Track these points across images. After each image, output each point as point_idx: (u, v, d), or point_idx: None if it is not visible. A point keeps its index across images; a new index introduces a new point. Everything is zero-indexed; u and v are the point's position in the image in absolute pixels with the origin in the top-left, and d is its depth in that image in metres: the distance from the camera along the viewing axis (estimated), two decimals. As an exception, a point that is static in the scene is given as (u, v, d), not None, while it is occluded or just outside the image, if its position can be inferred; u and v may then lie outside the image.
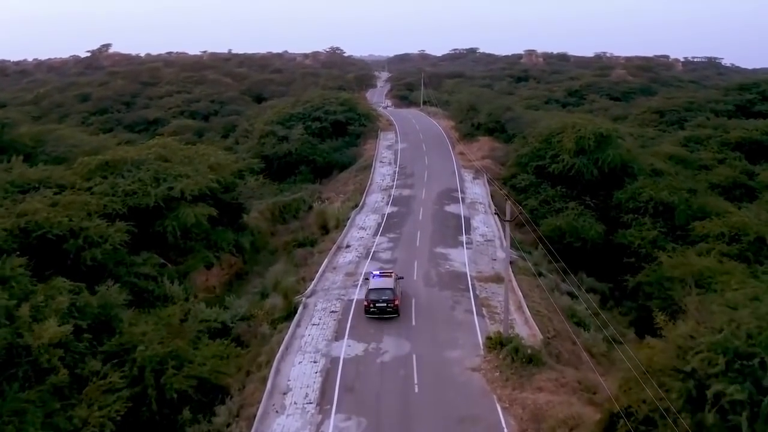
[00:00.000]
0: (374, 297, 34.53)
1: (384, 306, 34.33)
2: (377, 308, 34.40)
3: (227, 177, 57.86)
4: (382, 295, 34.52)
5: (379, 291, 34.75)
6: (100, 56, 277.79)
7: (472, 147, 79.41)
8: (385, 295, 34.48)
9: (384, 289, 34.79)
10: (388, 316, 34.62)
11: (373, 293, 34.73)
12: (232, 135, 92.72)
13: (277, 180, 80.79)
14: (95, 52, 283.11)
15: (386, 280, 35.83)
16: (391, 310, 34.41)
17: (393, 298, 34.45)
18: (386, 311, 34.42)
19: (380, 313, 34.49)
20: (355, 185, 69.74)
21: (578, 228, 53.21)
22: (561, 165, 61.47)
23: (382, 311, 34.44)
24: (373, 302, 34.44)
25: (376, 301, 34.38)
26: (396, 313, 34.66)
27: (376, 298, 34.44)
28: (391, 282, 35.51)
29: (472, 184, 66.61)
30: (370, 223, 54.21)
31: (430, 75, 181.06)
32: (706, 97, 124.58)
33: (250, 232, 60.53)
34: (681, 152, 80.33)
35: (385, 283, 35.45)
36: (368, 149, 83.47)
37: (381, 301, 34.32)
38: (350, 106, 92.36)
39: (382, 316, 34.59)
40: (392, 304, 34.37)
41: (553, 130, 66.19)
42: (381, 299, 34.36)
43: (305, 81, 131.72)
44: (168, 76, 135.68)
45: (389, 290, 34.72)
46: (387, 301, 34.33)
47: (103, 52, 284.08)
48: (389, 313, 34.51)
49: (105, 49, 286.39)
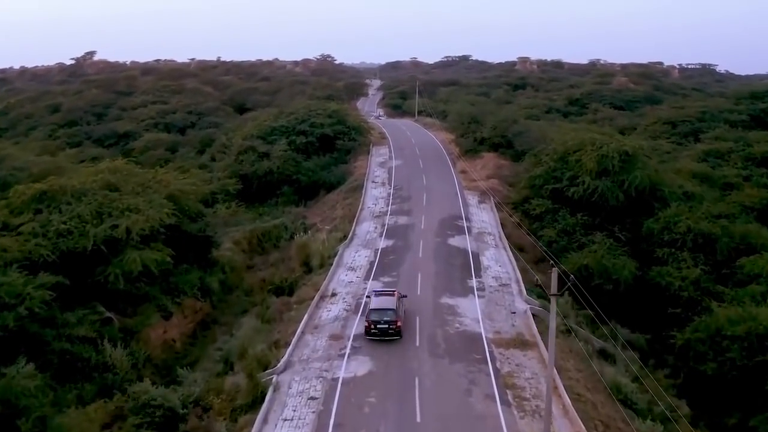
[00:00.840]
0: (375, 318, 32.79)
1: (386, 327, 32.57)
2: (378, 330, 32.62)
3: (192, 206, 49.32)
4: (383, 315, 32.78)
5: (380, 312, 32.98)
6: (84, 64, 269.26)
7: (476, 164, 71.09)
8: (386, 315, 32.76)
9: (386, 310, 33.03)
10: (390, 338, 32.57)
11: (374, 314, 32.99)
12: (209, 150, 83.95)
13: (256, 202, 72.25)
14: (79, 59, 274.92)
15: (388, 299, 34.03)
16: (393, 331, 32.64)
17: (395, 319, 32.70)
18: (388, 333, 32.62)
19: (381, 334, 32.62)
20: (344, 210, 61.26)
21: (609, 267, 44.82)
22: (581, 188, 53.22)
23: (384, 333, 32.62)
24: (374, 323, 32.67)
25: (378, 323, 32.62)
26: (398, 335, 32.74)
27: (378, 319, 32.69)
28: (393, 302, 33.63)
29: (478, 209, 58.23)
30: (361, 261, 45.65)
31: (424, 83, 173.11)
32: (718, 106, 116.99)
33: (221, 269, 52.08)
34: (705, 169, 72.36)
35: (387, 302, 33.60)
36: (359, 167, 75.01)
37: (382, 323, 32.61)
38: (339, 118, 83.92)
39: (384, 338, 32.59)
40: (394, 325, 32.61)
41: (569, 148, 58.01)
42: (383, 320, 32.63)
43: (292, 90, 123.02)
44: (145, 85, 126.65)
45: (391, 311, 32.94)
46: (389, 322, 32.59)
47: (88, 60, 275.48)
48: (391, 335, 32.65)
49: (89, 57, 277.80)
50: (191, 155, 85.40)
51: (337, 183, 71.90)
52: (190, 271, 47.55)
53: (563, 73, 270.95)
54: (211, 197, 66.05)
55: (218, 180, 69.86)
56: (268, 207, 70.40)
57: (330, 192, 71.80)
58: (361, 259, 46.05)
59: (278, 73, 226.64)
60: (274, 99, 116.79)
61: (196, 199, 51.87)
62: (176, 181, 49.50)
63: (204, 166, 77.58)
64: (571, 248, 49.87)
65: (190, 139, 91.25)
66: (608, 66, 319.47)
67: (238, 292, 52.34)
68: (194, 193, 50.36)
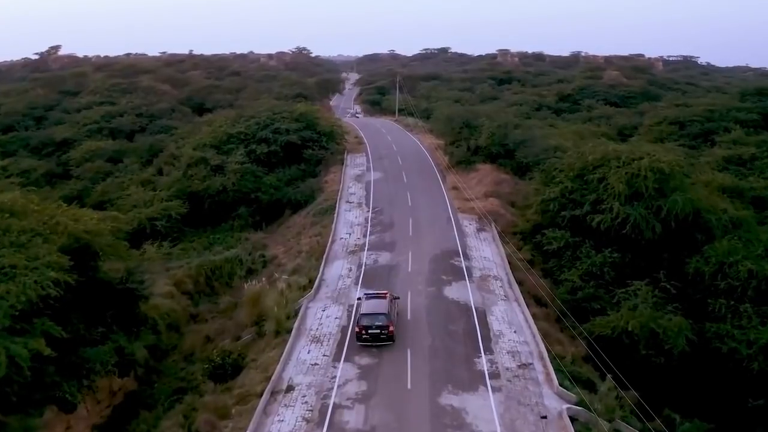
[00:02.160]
0: (366, 323, 31.26)
1: (377, 333, 31.13)
2: (370, 335, 31.21)
3: (108, 249, 37.38)
4: (375, 320, 31.27)
5: (371, 316, 31.41)
6: (49, 59, 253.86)
7: (470, 179, 59.81)
8: (378, 320, 31.27)
9: (377, 314, 31.45)
10: (382, 344, 31.04)
11: (365, 318, 31.44)
12: (157, 161, 71.57)
13: (208, 225, 60.42)
14: (44, 54, 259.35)
15: (380, 302, 32.52)
16: (385, 336, 31.21)
17: (387, 323, 31.24)
18: (380, 338, 31.18)
19: (373, 340, 31.20)
20: (311, 240, 49.68)
21: (659, 332, 33.89)
22: (609, 217, 42.28)
23: (375, 338, 31.17)
24: (365, 328, 31.18)
25: (369, 327, 31.15)
26: (391, 339, 31.25)
27: (369, 324, 31.19)
28: (384, 305, 32.17)
29: (478, 239, 47.00)
30: (330, 326, 34.12)
31: (403, 77, 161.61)
32: (725, 103, 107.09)
33: (152, 328, 40.44)
34: (734, 182, 61.96)
35: (379, 306, 32.09)
36: (331, 181, 63.30)
37: (374, 327, 31.15)
38: (308, 121, 72.02)
39: (375, 343, 31.11)
40: (386, 330, 31.18)
41: (587, 163, 47.08)
42: (374, 325, 31.16)
43: (257, 88, 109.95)
44: (95, 83, 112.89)
45: (383, 315, 31.40)
46: (380, 327, 31.13)
47: (52, 54, 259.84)
48: (383, 340, 31.21)
49: (54, 51, 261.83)
50: (136, 167, 72.95)
51: (304, 201, 60.25)
52: (107, 338, 36.01)
53: (546, 66, 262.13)
54: (150, 225, 54.24)
55: (160, 201, 57.86)
56: (221, 233, 58.64)
57: (296, 212, 60.20)
58: (330, 323, 34.49)
59: (250, 68, 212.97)
60: (237, 98, 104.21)
61: (119, 236, 40.01)
62: (86, 217, 37.27)
63: (147, 181, 65.33)
64: (600, 298, 39.04)
65: (138, 147, 78.57)
66: (591, 58, 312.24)
67: (176, 355, 41.12)
68: (111, 234, 38.33)
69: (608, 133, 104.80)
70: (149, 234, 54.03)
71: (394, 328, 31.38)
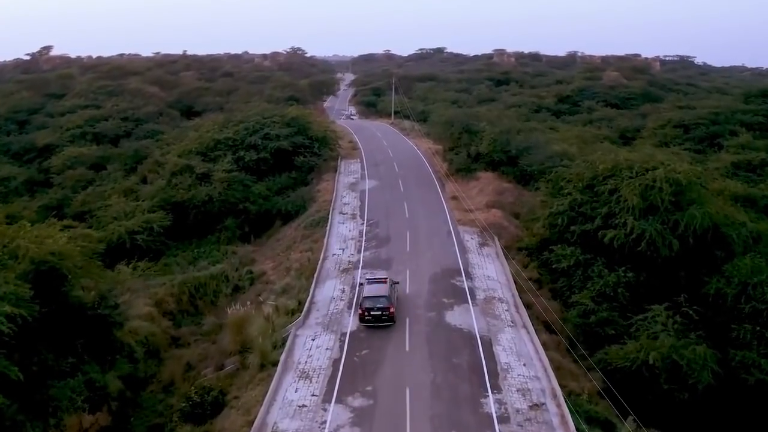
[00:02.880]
0: (369, 305, 33.32)
1: (379, 314, 33.17)
2: (372, 316, 33.25)
3: (78, 272, 34.12)
4: (376, 303, 33.29)
5: (373, 299, 33.44)
6: (40, 59, 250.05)
7: (470, 187, 56.67)
8: (379, 303, 33.28)
9: (378, 297, 33.47)
10: (384, 324, 33.04)
11: (367, 301, 33.48)
12: (141, 168, 68.11)
13: (194, 237, 57.11)
14: (35, 54, 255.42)
15: (380, 286, 34.52)
16: (386, 318, 33.22)
17: (388, 305, 33.27)
18: (381, 319, 33.19)
19: (375, 321, 33.25)
20: (301, 256, 46.48)
21: (682, 364, 30.80)
22: (622, 233, 39.20)
23: (377, 319, 33.21)
24: (367, 310, 33.27)
25: (371, 309, 33.23)
26: (391, 320, 33.27)
27: (371, 306, 33.26)
28: (385, 289, 34.18)
29: (480, 256, 43.83)
30: (320, 359, 30.90)
31: (399, 78, 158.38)
32: (730, 106, 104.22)
33: (128, 356, 37.27)
34: (746, 189, 59.02)
35: (380, 290, 34.10)
36: (324, 190, 60.03)
37: (376, 309, 33.19)
38: (300, 126, 68.71)
39: (377, 324, 33.14)
40: (387, 312, 33.22)
41: (597, 173, 44.03)
42: (376, 307, 33.20)
43: (249, 90, 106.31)
44: (81, 85, 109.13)
45: (384, 297, 33.44)
46: (382, 309, 33.18)
47: (44, 55, 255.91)
48: (384, 321, 33.22)
49: (46, 52, 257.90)
50: (119, 175, 69.53)
51: (295, 212, 56.95)
52: (78, 369, 32.89)
53: (542, 66, 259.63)
54: (129, 239, 50.94)
55: (142, 213, 54.54)
56: (207, 245, 55.31)
57: (287, 223, 56.95)
58: (320, 355, 31.28)
59: (243, 68, 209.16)
60: (228, 101, 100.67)
61: (93, 255, 36.73)
62: (54, 236, 33.90)
63: (130, 191, 61.91)
64: (615, 322, 35.98)
65: (122, 153, 75.05)
66: (588, 58, 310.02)
67: (154, 385, 37.92)
68: (82, 254, 35.01)
69: (610, 136, 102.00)
70: (129, 249, 50.75)
71: (394, 309, 33.38)
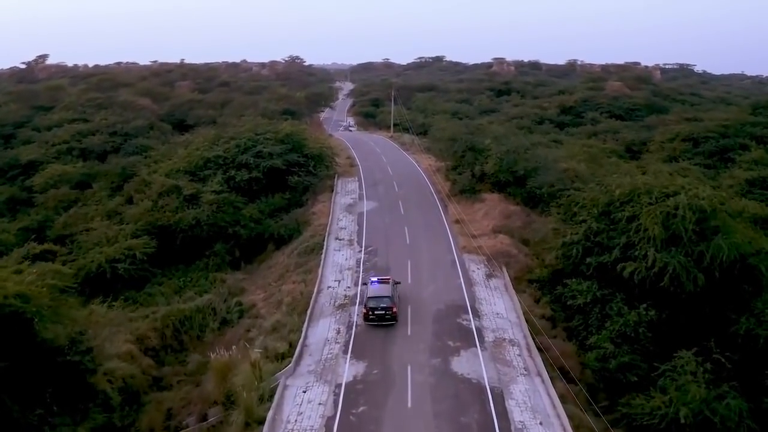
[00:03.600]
0: (373, 305, 34.68)
1: (383, 313, 34.55)
2: (376, 315, 34.62)
3: (46, 313, 30.77)
4: (380, 302, 34.64)
5: (377, 299, 34.77)
6: (36, 68, 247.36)
7: (475, 210, 53.29)
8: (383, 302, 34.63)
9: (382, 297, 34.79)
10: (387, 323, 34.44)
11: (371, 301, 34.81)
12: (127, 187, 64.58)
13: (181, 263, 53.69)
14: (31, 63, 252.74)
15: (384, 287, 35.82)
16: (389, 317, 34.58)
17: (391, 305, 34.59)
18: (385, 318, 34.58)
19: (379, 320, 34.60)
20: (294, 288, 43.05)
21: (716, 421, 27.37)
22: (643, 266, 35.83)
23: (381, 318, 34.59)
24: (372, 310, 34.64)
25: (375, 309, 34.60)
26: (394, 320, 34.68)
27: (375, 306, 34.63)
28: (388, 289, 35.52)
29: (488, 288, 40.41)
30: (311, 420, 27.24)
31: (398, 88, 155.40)
32: (739, 118, 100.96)
33: (103, 404, 33.93)
34: (764, 210, 55.66)
35: (383, 290, 35.42)
36: (319, 212, 56.64)
37: (380, 309, 34.55)
38: (294, 143, 65.41)
39: (381, 323, 34.49)
40: (390, 311, 34.55)
41: (614, 198, 40.70)
42: (380, 306, 34.58)
43: (243, 102, 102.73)
44: (70, 97, 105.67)
45: (387, 297, 34.75)
46: (385, 308, 34.56)
47: (40, 64, 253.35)
48: (388, 320, 34.61)
49: (42, 60, 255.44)
50: (105, 194, 66.10)
51: (289, 237, 53.58)
52: (46, 422, 29.70)
53: (542, 74, 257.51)
54: (110, 269, 47.53)
55: (125, 238, 51.12)
56: (195, 272, 51.92)
57: (280, 248, 53.55)
58: (312, 411, 27.74)
59: (240, 78, 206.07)
60: (221, 113, 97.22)
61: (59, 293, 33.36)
62: (15, 279, 30.44)
63: (114, 213, 58.50)
64: (637, 367, 32.60)
65: (109, 171, 71.61)
66: (588, 67, 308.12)
67: (134, 440, 34.38)
68: (51, 293, 31.62)
69: (616, 149, 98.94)
70: (110, 278, 47.37)
71: (397, 309, 34.79)
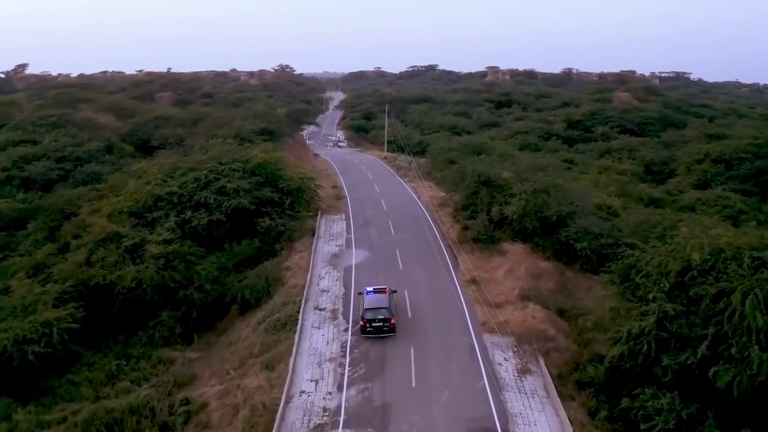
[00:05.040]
0: (370, 317, 33.30)
1: (380, 325, 33.16)
2: (374, 328, 33.23)
3: None
4: (377, 314, 33.28)
5: (374, 310, 33.43)
6: (14, 78, 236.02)
7: (494, 266, 41.81)
8: (380, 314, 33.26)
9: (379, 308, 33.45)
10: (385, 335, 32.98)
11: (368, 312, 33.46)
12: (64, 230, 52.86)
13: (121, 333, 42.14)
14: (9, 72, 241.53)
15: (380, 297, 34.37)
16: (387, 329, 33.23)
17: (389, 317, 33.24)
18: (383, 330, 33.19)
19: (377, 332, 33.18)
20: (257, 388, 31.45)
21: None
22: (745, 375, 24.69)
23: (379, 330, 33.17)
24: (369, 322, 33.24)
25: (372, 321, 33.21)
26: (392, 331, 33.30)
27: (372, 318, 33.25)
28: (385, 299, 34.13)
29: (522, 395, 28.99)
30: None
31: (391, 100, 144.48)
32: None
33: None
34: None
35: (380, 301, 33.98)
36: (296, 266, 45.07)
37: (377, 321, 33.18)
38: (268, 174, 53.99)
39: (379, 335, 33.08)
40: (388, 323, 33.23)
41: (689, 264, 29.52)
42: (377, 318, 33.19)
43: (217, 119, 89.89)
44: (22, 114, 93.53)
45: (384, 309, 33.43)
46: (383, 320, 33.14)
47: (19, 73, 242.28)
48: (386, 332, 33.20)
49: (21, 70, 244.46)
50: (41, 236, 54.45)
51: (255, 300, 42.08)
52: None
53: (538, 83, 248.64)
54: (18, 354, 35.94)
55: (45, 307, 39.42)
56: (136, 347, 40.46)
57: (245, 312, 42.11)
58: None
59: (225, 88, 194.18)
60: (192, 132, 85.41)
61: None
62: None
63: (43, 266, 46.79)
64: None
65: (50, 206, 59.84)
66: (584, 75, 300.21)
67: None
68: None
69: (637, 171, 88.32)
70: (18, 367, 35.79)
71: (395, 321, 33.13)
